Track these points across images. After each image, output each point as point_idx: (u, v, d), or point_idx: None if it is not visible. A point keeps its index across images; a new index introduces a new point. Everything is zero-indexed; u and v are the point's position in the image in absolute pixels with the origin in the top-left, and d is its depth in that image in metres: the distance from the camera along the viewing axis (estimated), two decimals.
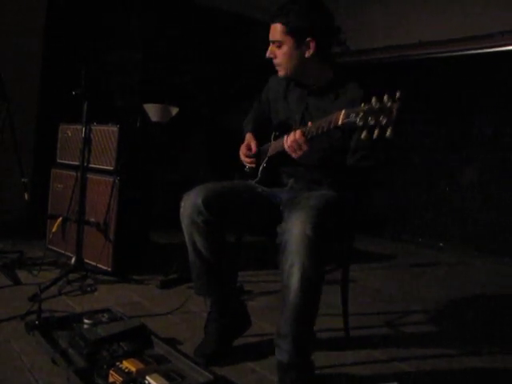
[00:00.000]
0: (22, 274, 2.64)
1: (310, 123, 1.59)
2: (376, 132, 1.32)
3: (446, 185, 4.47)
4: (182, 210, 1.76)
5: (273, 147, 1.86)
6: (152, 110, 3.07)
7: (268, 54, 1.81)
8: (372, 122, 1.32)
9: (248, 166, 2.00)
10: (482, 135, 4.23)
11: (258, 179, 1.90)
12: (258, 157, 1.95)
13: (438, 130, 4.52)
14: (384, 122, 1.30)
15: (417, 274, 3.57)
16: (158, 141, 3.18)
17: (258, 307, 2.45)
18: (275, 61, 1.81)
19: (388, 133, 1.30)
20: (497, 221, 4.14)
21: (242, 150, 2.00)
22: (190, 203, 1.73)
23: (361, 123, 1.35)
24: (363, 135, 1.35)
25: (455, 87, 4.38)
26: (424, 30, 4.50)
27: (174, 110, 3.10)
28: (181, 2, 4.67)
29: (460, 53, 4.26)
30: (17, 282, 2.52)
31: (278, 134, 1.88)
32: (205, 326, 1.92)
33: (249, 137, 2.02)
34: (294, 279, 1.49)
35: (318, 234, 1.47)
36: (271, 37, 1.78)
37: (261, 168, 1.89)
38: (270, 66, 1.94)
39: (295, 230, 1.49)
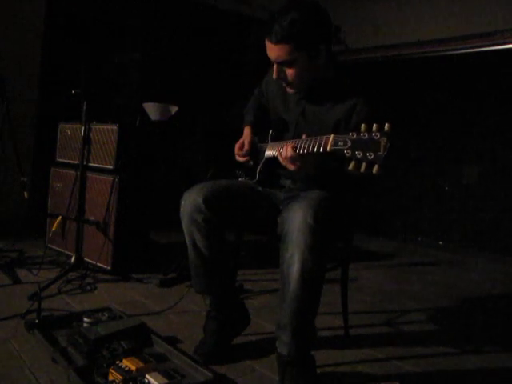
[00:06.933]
0: (22, 273, 2.65)
1: (304, 136, 1.53)
2: (363, 166, 1.28)
3: (446, 184, 4.48)
4: (182, 208, 1.76)
5: (269, 149, 1.84)
6: (152, 109, 3.07)
7: (276, 76, 1.66)
8: (359, 156, 1.28)
9: (242, 162, 1.99)
10: (483, 134, 4.23)
11: (256, 180, 1.90)
12: (252, 154, 1.94)
13: (437, 128, 4.52)
14: (371, 157, 1.27)
15: (417, 272, 3.57)
16: (158, 139, 3.18)
17: (258, 306, 2.46)
18: (286, 80, 1.67)
19: (375, 170, 1.26)
20: (497, 220, 4.14)
21: (236, 148, 1.97)
22: (191, 202, 1.72)
23: (348, 154, 1.31)
24: (351, 166, 1.31)
25: (455, 86, 4.39)
26: (423, 29, 4.50)
27: (174, 109, 3.10)
28: (181, 2, 4.67)
29: (459, 51, 4.27)
30: (16, 280, 2.52)
31: (274, 134, 1.88)
32: (204, 325, 1.92)
33: (245, 132, 1.99)
34: (294, 269, 1.49)
35: (320, 223, 1.46)
36: (276, 57, 1.61)
37: (258, 170, 1.89)
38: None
39: (296, 218, 1.48)
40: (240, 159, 1.97)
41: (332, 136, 1.38)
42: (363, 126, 1.30)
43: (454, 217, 4.42)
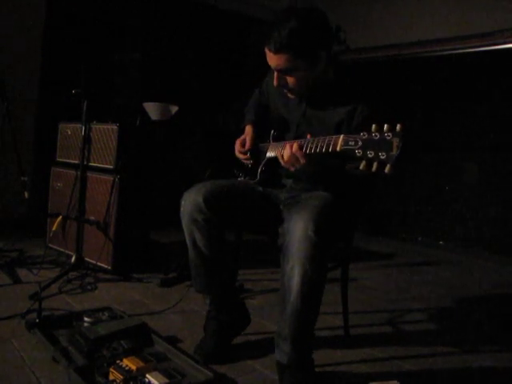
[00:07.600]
0: (22, 273, 2.65)
1: (309, 135, 1.52)
2: (375, 166, 1.27)
3: (447, 183, 4.48)
4: (182, 208, 1.76)
5: (271, 149, 1.83)
6: (152, 109, 3.07)
7: (277, 84, 1.66)
8: (371, 156, 1.27)
9: (244, 162, 1.99)
10: (484, 134, 4.23)
11: (257, 180, 1.90)
12: (252, 153, 1.93)
13: (438, 128, 4.52)
14: (383, 157, 1.26)
15: (417, 272, 3.57)
16: (158, 139, 3.18)
17: (258, 305, 2.46)
18: (287, 87, 1.68)
19: (387, 169, 1.25)
20: (497, 220, 4.14)
21: (237, 146, 1.96)
22: (191, 201, 1.73)
23: (359, 154, 1.30)
24: (362, 166, 1.30)
25: (455, 86, 4.39)
26: (423, 29, 4.50)
27: (174, 109, 3.10)
28: (181, 2, 4.67)
29: (459, 51, 4.27)
30: (17, 280, 2.52)
31: (276, 134, 1.87)
32: (204, 324, 1.92)
33: (247, 130, 1.98)
34: (295, 281, 1.49)
35: (321, 235, 1.46)
36: (276, 66, 1.61)
37: (260, 170, 1.88)
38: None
39: (297, 230, 1.48)
40: (241, 156, 1.96)
41: (342, 136, 1.37)
42: (374, 126, 1.29)
43: (455, 216, 4.42)
